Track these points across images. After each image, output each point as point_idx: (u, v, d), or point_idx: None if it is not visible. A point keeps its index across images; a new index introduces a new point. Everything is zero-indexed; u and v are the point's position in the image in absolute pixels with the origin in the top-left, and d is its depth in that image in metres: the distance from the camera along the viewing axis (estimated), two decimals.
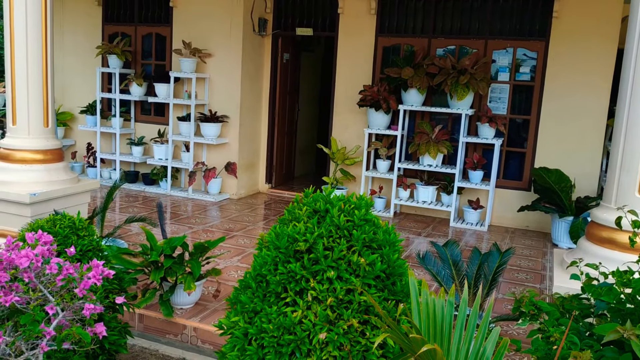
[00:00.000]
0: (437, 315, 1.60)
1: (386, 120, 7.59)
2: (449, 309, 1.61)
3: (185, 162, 8.14)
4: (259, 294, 2.37)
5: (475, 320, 1.58)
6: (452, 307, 1.62)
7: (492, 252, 3.66)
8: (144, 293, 4.05)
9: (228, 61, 7.92)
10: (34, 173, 4.76)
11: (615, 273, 2.09)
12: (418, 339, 1.37)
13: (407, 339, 1.40)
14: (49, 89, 4.82)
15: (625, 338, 1.62)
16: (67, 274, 2.01)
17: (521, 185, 7.41)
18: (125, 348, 3.12)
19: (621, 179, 3.25)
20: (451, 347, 1.54)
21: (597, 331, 1.74)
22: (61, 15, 8.94)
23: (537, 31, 7.09)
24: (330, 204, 2.43)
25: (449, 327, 1.57)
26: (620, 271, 2.08)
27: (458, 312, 1.73)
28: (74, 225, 3.03)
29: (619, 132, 3.29)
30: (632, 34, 3.20)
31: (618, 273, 2.08)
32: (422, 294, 1.66)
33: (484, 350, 1.54)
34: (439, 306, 1.61)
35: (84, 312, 2.01)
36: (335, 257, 2.31)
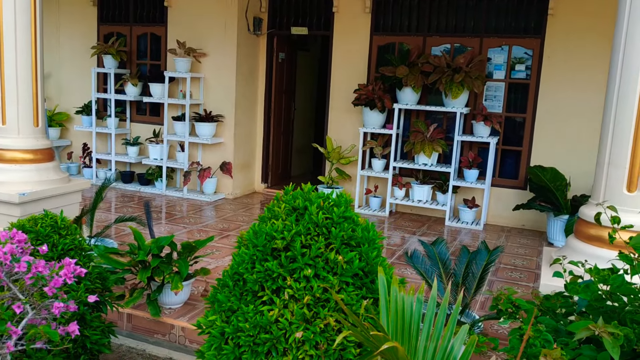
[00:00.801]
0: (405, 312, 1.57)
1: (381, 119, 7.56)
2: (418, 307, 1.59)
3: (180, 162, 8.13)
4: (235, 293, 2.34)
5: (444, 318, 1.56)
6: (421, 305, 1.59)
7: (481, 250, 3.63)
8: (131, 293, 4.02)
9: (223, 61, 7.90)
10: (23, 173, 4.74)
11: (592, 270, 2.06)
12: (380, 336, 1.34)
13: (369, 337, 1.37)
14: (38, 88, 4.81)
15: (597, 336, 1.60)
16: (36, 272, 1.99)
17: (517, 184, 7.37)
18: (108, 348, 3.10)
19: (609, 175, 3.21)
20: (419, 344, 1.52)
21: (570, 329, 1.71)
22: (57, 16, 8.93)
23: (533, 29, 7.05)
24: (309, 202, 2.41)
25: (417, 324, 1.55)
26: (598, 268, 2.05)
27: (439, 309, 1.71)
28: (56, 224, 3.01)
29: (607, 127, 3.25)
30: (620, 30, 3.17)
31: (596, 270, 2.05)
32: (392, 291, 1.63)
33: (452, 348, 1.51)
34: (407, 304, 1.59)
35: (53, 311, 1.99)
36: (313, 255, 2.28)
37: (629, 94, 3.08)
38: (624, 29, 3.11)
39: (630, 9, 3.08)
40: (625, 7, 3.11)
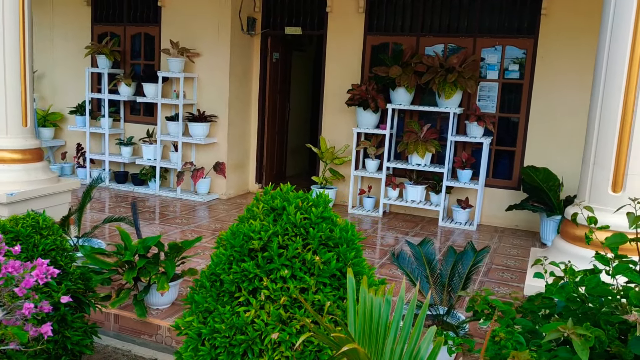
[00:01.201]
0: (373, 313, 1.55)
1: (375, 120, 7.55)
2: (386, 308, 1.57)
3: (174, 162, 8.11)
4: (212, 294, 2.33)
5: (411, 319, 1.54)
6: (389, 306, 1.57)
7: (467, 251, 3.61)
8: (118, 293, 4.01)
9: (216, 61, 7.89)
10: (12, 173, 4.73)
11: (567, 271, 2.04)
12: (342, 338, 1.32)
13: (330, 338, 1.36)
14: (27, 89, 4.79)
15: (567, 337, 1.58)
16: (6, 273, 1.98)
17: (511, 184, 7.36)
18: (90, 348, 3.08)
19: (594, 175, 3.20)
20: (385, 346, 1.50)
21: (542, 330, 1.70)
22: (51, 16, 8.92)
23: (526, 29, 7.04)
24: (287, 202, 2.39)
25: (384, 326, 1.53)
26: (573, 269, 2.03)
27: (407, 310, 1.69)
28: (38, 224, 2.99)
29: (592, 128, 3.24)
30: (605, 27, 3.16)
31: (571, 271, 2.03)
32: (360, 292, 1.62)
33: (419, 350, 1.49)
34: (376, 305, 1.57)
35: (23, 312, 1.98)
36: (290, 256, 2.26)
37: (613, 94, 3.07)
38: (608, 33, 3.10)
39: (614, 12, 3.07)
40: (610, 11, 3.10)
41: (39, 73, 9.09)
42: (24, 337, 1.89)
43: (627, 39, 3.07)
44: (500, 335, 1.75)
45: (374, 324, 1.54)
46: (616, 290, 1.93)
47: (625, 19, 3.09)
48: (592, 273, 2.23)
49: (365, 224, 7.29)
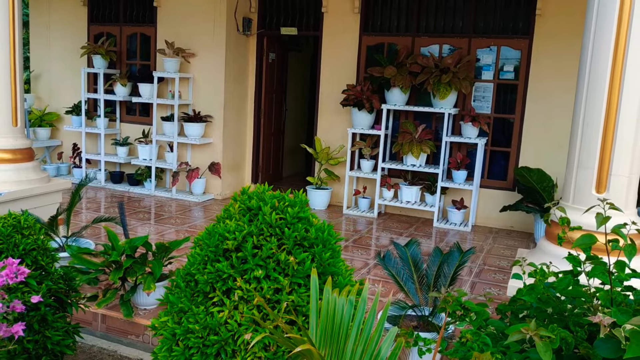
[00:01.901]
0: (336, 314, 1.54)
1: (370, 120, 7.54)
2: (349, 309, 1.56)
3: (169, 163, 8.11)
4: (187, 294, 2.32)
5: (372, 321, 1.53)
6: (352, 307, 1.56)
7: (453, 251, 3.60)
8: (104, 293, 4.01)
9: (212, 61, 7.89)
10: (1, 173, 4.73)
11: (537, 273, 2.02)
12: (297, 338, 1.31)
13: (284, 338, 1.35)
14: (17, 88, 4.79)
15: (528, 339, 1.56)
16: None
17: (506, 185, 7.33)
18: (71, 349, 3.07)
19: (578, 176, 3.18)
20: (346, 347, 1.49)
21: (508, 332, 1.68)
22: (47, 16, 8.93)
23: (521, 29, 7.02)
24: (262, 202, 2.38)
25: (346, 326, 1.52)
26: (544, 270, 2.02)
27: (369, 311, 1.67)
28: (19, 224, 2.99)
29: (576, 129, 3.22)
30: (588, 29, 3.14)
31: (541, 272, 2.01)
32: (325, 292, 1.61)
33: (380, 350, 1.48)
34: (339, 306, 1.56)
35: None
36: (264, 256, 2.25)
37: (597, 95, 3.05)
38: (592, 34, 3.09)
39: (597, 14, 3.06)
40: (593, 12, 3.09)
41: (36, 73, 9.11)
42: None
43: (610, 41, 3.06)
44: (467, 336, 1.73)
45: (336, 324, 1.52)
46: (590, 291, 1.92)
47: (608, 20, 3.08)
48: (572, 274, 2.21)
49: (360, 225, 7.28)
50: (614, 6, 3.04)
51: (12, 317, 2.11)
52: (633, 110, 3.03)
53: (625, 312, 1.59)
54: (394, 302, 3.23)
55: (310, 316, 1.55)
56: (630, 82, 3.01)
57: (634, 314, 1.57)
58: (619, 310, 1.62)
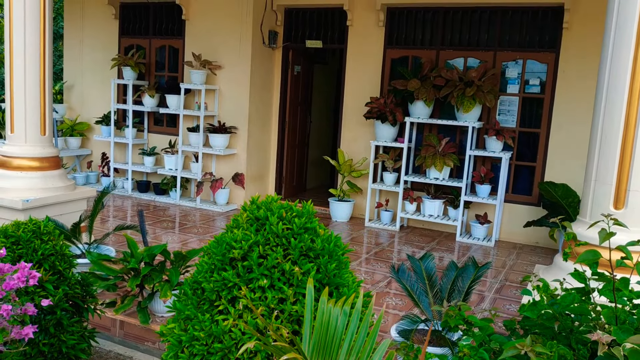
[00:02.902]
0: (330, 324, 1.55)
1: (393, 133, 7.53)
2: (343, 319, 1.56)
3: (194, 173, 8.23)
4: (193, 301, 2.35)
5: (366, 333, 1.53)
6: (346, 317, 1.57)
7: (468, 266, 3.56)
8: (122, 300, 4.07)
9: (237, 73, 8.00)
10: (29, 180, 4.87)
11: (541, 288, 1.99)
12: (285, 347, 1.32)
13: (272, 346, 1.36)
14: (46, 98, 4.94)
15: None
16: None
17: (531, 200, 7.22)
18: (86, 353, 3.13)
19: (595, 192, 3.12)
20: (338, 357, 1.49)
21: (505, 347, 1.65)
22: (81, 30, 9.20)
23: (547, 43, 6.94)
24: (270, 212, 2.40)
25: (339, 337, 1.52)
26: (547, 286, 1.98)
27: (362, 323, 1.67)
28: (38, 229, 3.08)
29: (594, 143, 3.16)
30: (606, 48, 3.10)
31: (544, 288, 1.98)
32: (320, 302, 1.62)
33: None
34: (334, 316, 1.57)
35: (1, 313, 2.03)
36: (269, 266, 2.27)
37: (615, 109, 3.00)
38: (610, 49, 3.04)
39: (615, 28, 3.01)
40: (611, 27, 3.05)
41: (69, 84, 9.38)
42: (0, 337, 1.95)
43: (629, 55, 3.01)
44: (464, 350, 1.72)
45: (329, 334, 1.53)
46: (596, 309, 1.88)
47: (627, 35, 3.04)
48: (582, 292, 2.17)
49: (382, 238, 7.25)
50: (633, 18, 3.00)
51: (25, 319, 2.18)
52: None
53: (626, 331, 1.56)
54: (405, 315, 3.21)
55: (304, 325, 1.56)
56: None
57: (635, 332, 1.53)
58: (620, 328, 1.59)
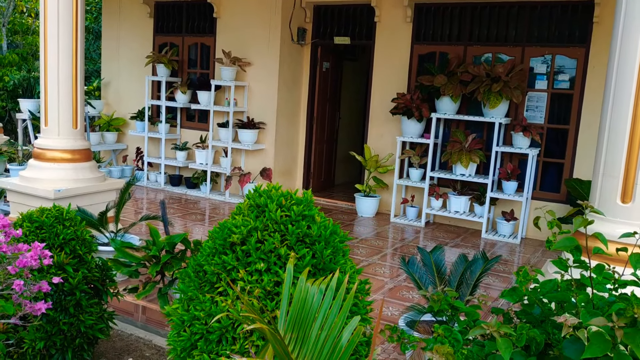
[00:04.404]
0: (307, 302, 1.63)
1: (419, 129, 7.53)
2: (318, 297, 1.65)
3: (223, 167, 8.42)
4: (195, 283, 2.47)
5: (338, 309, 1.60)
6: (321, 295, 1.65)
7: (477, 259, 3.58)
8: (144, 286, 4.24)
9: (266, 69, 8.14)
10: (61, 171, 5.10)
11: (521, 274, 2.01)
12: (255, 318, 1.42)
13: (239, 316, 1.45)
14: (78, 94, 5.16)
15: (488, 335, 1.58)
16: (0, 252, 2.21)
17: (559, 198, 7.12)
18: (104, 333, 3.30)
19: (603, 185, 3.09)
20: (312, 332, 1.58)
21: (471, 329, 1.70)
22: (117, 29, 9.51)
23: (577, 37, 6.82)
24: (269, 199, 2.50)
25: (313, 313, 1.60)
26: (527, 273, 2.01)
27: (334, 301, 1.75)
28: (61, 215, 3.26)
29: (602, 137, 3.14)
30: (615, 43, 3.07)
31: (524, 274, 2.01)
32: (299, 281, 1.70)
33: (341, 337, 1.56)
34: (310, 293, 1.65)
35: (14, 287, 2.19)
36: (266, 250, 2.37)
37: (623, 102, 2.97)
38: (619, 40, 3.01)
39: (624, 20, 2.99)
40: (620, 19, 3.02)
41: (106, 81, 9.71)
42: (10, 310, 2.11)
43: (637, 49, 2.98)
44: (439, 331, 1.77)
45: (305, 310, 1.62)
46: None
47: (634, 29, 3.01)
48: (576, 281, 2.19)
49: (407, 233, 7.27)
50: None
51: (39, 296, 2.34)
52: None
53: (593, 314, 1.58)
54: (411, 306, 3.27)
55: (281, 301, 1.65)
56: None
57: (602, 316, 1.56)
58: (588, 311, 1.61)
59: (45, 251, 2.29)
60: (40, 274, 2.64)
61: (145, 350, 3.89)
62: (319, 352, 1.53)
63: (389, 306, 4.68)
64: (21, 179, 5.16)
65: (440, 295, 2.21)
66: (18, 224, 3.15)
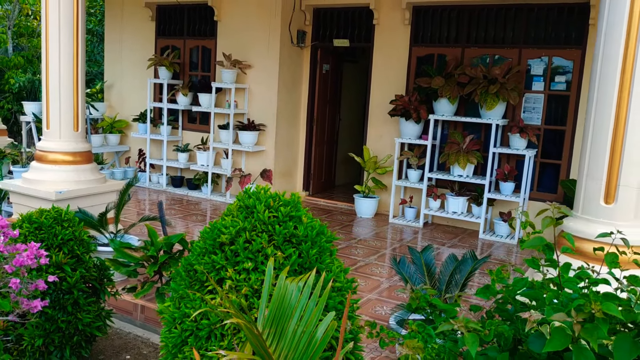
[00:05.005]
0: (285, 298, 1.72)
1: (417, 130, 7.60)
2: (296, 294, 1.73)
3: (224, 168, 8.52)
4: (186, 282, 2.56)
5: (315, 305, 1.69)
6: (299, 293, 1.73)
7: (466, 259, 3.66)
8: (143, 285, 4.34)
9: (266, 72, 8.24)
10: (63, 173, 5.20)
11: (495, 272, 2.09)
12: (232, 313, 1.50)
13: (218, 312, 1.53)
14: (79, 97, 5.27)
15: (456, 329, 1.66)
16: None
17: (556, 198, 7.16)
18: (101, 331, 3.39)
19: (587, 186, 3.16)
20: (289, 326, 1.66)
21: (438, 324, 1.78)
22: (120, 32, 9.63)
23: (573, 39, 6.88)
24: (258, 201, 2.59)
25: (291, 309, 1.69)
26: (500, 271, 2.08)
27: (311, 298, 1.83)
28: (60, 216, 3.35)
29: (586, 139, 3.21)
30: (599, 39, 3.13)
31: (497, 273, 2.08)
32: (279, 279, 1.78)
33: (316, 332, 1.64)
34: (289, 290, 1.73)
35: (10, 285, 2.29)
36: (254, 250, 2.45)
37: (605, 106, 3.04)
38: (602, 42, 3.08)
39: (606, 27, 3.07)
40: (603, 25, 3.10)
41: (109, 83, 9.83)
42: (7, 307, 2.20)
43: (619, 51, 3.05)
44: (412, 327, 1.85)
45: (284, 306, 1.70)
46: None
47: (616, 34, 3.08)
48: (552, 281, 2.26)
49: (405, 234, 7.35)
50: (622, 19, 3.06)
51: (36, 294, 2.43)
52: None
53: (557, 310, 1.66)
54: (401, 304, 3.34)
55: (261, 298, 1.73)
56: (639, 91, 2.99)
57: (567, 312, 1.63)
58: (553, 308, 1.69)
59: (41, 251, 2.39)
60: (38, 273, 2.73)
61: (142, 348, 3.98)
62: (296, 346, 1.61)
63: (383, 305, 4.76)
64: (23, 181, 5.27)
65: (418, 293, 2.29)
66: (18, 225, 3.24)
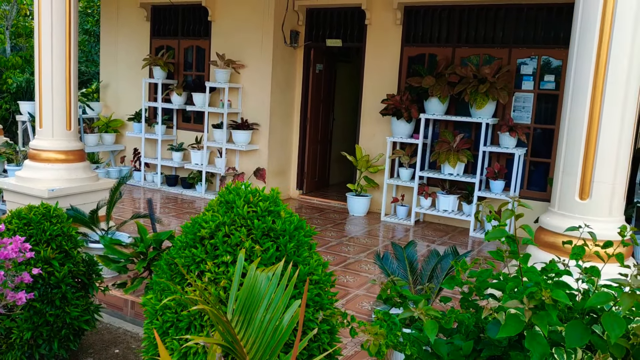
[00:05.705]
0: (255, 287, 1.79)
1: (408, 129, 7.68)
2: (265, 284, 1.80)
3: (218, 167, 8.59)
4: (167, 275, 2.63)
5: (282, 294, 1.76)
6: (268, 282, 1.80)
7: (448, 254, 3.73)
8: (132, 281, 4.42)
9: (259, 72, 8.31)
10: (55, 171, 5.28)
11: (460, 264, 2.16)
12: (198, 300, 1.57)
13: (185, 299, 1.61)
14: (72, 96, 5.34)
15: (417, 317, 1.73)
16: None
17: (546, 196, 7.23)
18: (89, 325, 3.46)
19: (562, 182, 3.23)
20: (257, 315, 1.73)
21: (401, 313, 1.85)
22: (115, 33, 9.70)
23: (562, 39, 6.95)
24: (237, 196, 2.66)
25: (260, 298, 1.76)
26: (466, 263, 2.16)
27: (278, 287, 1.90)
28: (48, 213, 3.42)
29: (562, 136, 3.28)
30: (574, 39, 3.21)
31: (462, 264, 2.15)
32: (249, 269, 1.86)
33: (282, 320, 1.71)
34: (259, 280, 1.81)
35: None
36: (232, 243, 2.53)
37: (580, 103, 3.11)
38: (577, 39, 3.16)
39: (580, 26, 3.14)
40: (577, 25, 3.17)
41: (104, 83, 9.90)
42: None
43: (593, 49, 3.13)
44: (378, 315, 1.92)
45: (253, 295, 1.77)
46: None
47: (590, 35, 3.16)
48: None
49: (397, 232, 7.42)
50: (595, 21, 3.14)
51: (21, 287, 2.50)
52: (615, 116, 3.06)
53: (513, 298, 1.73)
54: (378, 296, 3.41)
55: (231, 288, 1.80)
56: (611, 90, 3.06)
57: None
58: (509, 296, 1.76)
59: (26, 244, 2.46)
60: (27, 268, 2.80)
61: (131, 342, 4.06)
62: (263, 332, 1.68)
63: (370, 301, 4.83)
64: (17, 179, 5.35)
65: (389, 284, 2.36)
66: (7, 221, 3.31)
